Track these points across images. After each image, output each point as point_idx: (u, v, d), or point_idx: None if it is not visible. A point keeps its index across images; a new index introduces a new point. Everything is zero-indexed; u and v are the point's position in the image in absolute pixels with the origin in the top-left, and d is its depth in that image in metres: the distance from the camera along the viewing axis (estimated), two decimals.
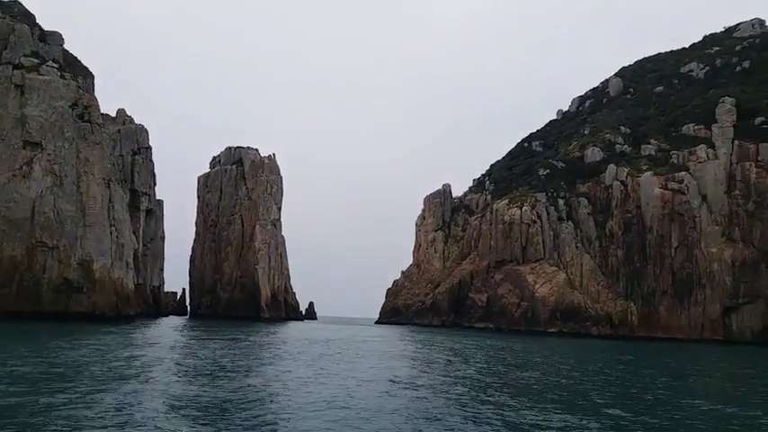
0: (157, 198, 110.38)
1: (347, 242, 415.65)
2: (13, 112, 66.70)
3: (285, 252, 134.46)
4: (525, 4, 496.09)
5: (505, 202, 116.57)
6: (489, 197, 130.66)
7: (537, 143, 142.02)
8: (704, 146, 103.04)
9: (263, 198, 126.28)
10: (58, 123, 67.70)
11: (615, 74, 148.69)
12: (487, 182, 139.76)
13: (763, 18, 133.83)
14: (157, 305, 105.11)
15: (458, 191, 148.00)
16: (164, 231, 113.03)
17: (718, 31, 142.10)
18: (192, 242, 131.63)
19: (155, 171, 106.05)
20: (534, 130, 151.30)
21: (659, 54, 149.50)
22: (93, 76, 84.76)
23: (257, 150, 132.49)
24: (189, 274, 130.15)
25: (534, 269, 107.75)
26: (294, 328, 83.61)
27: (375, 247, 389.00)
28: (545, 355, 45.98)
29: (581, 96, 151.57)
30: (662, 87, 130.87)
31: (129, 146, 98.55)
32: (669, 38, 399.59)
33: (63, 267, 64.21)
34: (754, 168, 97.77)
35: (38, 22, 78.77)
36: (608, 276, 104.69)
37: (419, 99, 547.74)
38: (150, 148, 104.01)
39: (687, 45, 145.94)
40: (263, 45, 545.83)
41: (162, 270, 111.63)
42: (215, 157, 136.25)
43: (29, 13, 79.91)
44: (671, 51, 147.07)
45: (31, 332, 42.94)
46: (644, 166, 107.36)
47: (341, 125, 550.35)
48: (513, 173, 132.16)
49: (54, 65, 72.66)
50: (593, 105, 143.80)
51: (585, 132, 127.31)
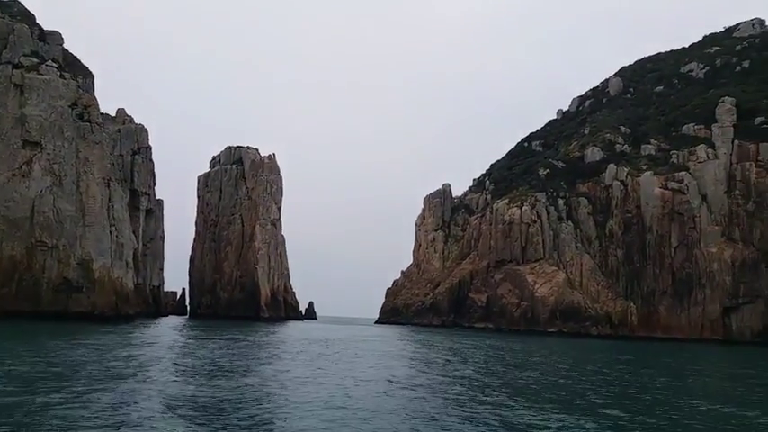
0: (157, 198, 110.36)
1: (347, 242, 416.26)
2: (12, 112, 66.66)
3: (285, 252, 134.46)
4: (525, 3, 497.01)
5: (505, 201, 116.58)
6: (489, 197, 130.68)
7: (537, 143, 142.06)
8: (704, 146, 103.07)
9: (262, 198, 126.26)
10: (58, 123, 67.67)
11: (615, 74, 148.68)
12: (487, 182, 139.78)
13: (763, 18, 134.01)
14: (157, 305, 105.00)
15: (458, 191, 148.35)
16: (163, 231, 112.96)
17: (718, 31, 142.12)
18: (192, 242, 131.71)
19: (154, 171, 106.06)
20: (534, 130, 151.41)
21: (659, 54, 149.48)
22: (93, 76, 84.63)
23: (257, 150, 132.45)
24: (189, 274, 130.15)
25: (534, 269, 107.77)
26: (293, 328, 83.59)
27: (375, 247, 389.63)
28: (544, 355, 45.98)
29: (581, 96, 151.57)
30: (662, 87, 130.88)
31: (129, 145, 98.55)
32: (669, 38, 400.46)
33: (62, 267, 64.19)
34: (754, 168, 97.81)
35: (38, 21, 78.74)
36: (608, 276, 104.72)
37: (419, 99, 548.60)
38: (150, 148, 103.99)
39: (687, 45, 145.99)
40: (263, 45, 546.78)
41: (162, 270, 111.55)
42: (215, 157, 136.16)
43: (29, 12, 79.85)
44: (671, 51, 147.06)
45: (29, 332, 42.95)
46: (644, 166, 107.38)
47: (341, 125, 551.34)
48: (513, 173, 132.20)
49: (53, 64, 72.60)
50: (593, 105, 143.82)
51: (585, 132, 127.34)
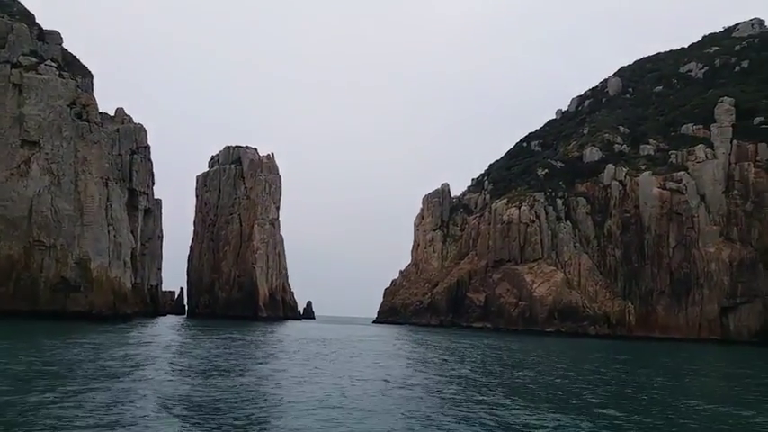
0: (156, 197, 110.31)
1: (347, 242, 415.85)
2: (11, 111, 66.64)
3: (283, 251, 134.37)
4: (525, 3, 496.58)
5: (504, 201, 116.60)
6: (488, 197, 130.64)
7: (536, 143, 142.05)
8: (703, 146, 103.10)
9: (261, 197, 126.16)
10: (56, 122, 67.64)
11: (614, 74, 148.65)
12: (486, 181, 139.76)
13: (762, 18, 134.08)
14: (155, 304, 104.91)
15: (458, 190, 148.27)
16: (162, 231, 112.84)
17: (718, 31, 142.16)
18: (191, 241, 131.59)
19: (153, 170, 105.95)
20: (533, 130, 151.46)
21: (658, 54, 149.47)
22: (92, 76, 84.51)
23: (256, 150, 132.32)
24: (187, 274, 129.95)
25: (532, 269, 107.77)
26: (291, 328, 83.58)
27: (375, 247, 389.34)
28: (541, 355, 45.98)
29: (580, 96, 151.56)
30: (661, 87, 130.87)
31: (128, 145, 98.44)
32: (669, 38, 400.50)
33: (60, 266, 64.19)
34: (753, 168, 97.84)
35: (37, 21, 78.66)
36: (606, 276, 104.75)
37: (419, 99, 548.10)
38: (149, 148, 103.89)
39: (686, 45, 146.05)
40: (263, 45, 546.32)
41: (160, 269, 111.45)
42: (213, 157, 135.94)
43: (28, 12, 79.79)
44: (670, 51, 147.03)
45: (27, 331, 42.93)
46: (642, 166, 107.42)
47: (341, 125, 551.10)
48: (512, 172, 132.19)
49: (52, 64, 72.56)
50: (592, 105, 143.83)
51: (584, 132, 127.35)
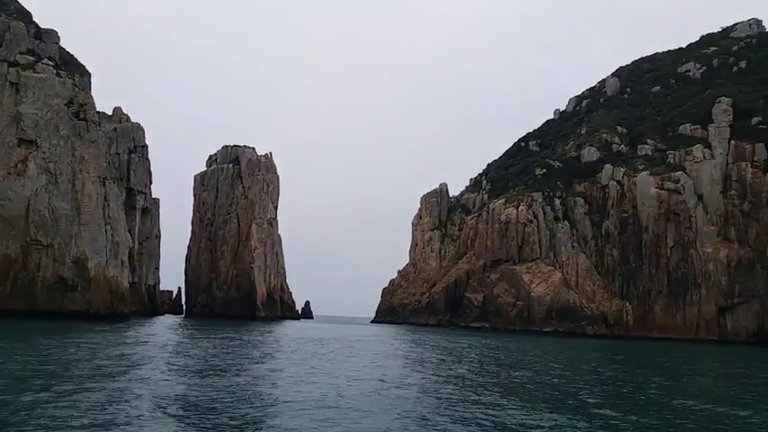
0: (155, 197, 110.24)
1: (347, 241, 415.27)
2: (8, 110, 66.57)
3: (281, 251, 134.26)
4: (526, 2, 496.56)
5: (502, 201, 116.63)
6: (486, 196, 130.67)
7: (534, 143, 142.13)
8: (700, 146, 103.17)
9: (259, 197, 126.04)
10: (54, 121, 67.55)
11: (612, 73, 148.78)
12: (484, 181, 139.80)
13: (759, 18, 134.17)
14: (153, 304, 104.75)
15: (458, 190, 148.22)
16: (160, 230, 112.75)
17: (716, 31, 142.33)
18: (188, 241, 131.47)
19: (151, 169, 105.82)
20: (531, 130, 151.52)
21: (656, 54, 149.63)
22: (90, 75, 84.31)
23: (254, 149, 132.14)
24: (185, 273, 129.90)
25: (530, 269, 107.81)
26: (289, 328, 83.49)
27: (375, 246, 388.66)
28: (538, 355, 45.99)
29: (578, 96, 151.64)
30: (659, 87, 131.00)
31: (126, 144, 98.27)
32: (669, 38, 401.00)
33: (58, 265, 64.12)
34: (750, 168, 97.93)
35: (35, 20, 78.47)
36: (604, 276, 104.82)
37: (419, 98, 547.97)
38: (146, 147, 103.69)
39: (684, 45, 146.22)
40: (263, 45, 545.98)
41: (158, 269, 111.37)
42: (212, 156, 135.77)
43: (25, 11, 79.59)
44: (668, 51, 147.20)
45: (24, 330, 42.84)
46: (640, 166, 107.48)
47: (341, 124, 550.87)
48: (510, 172, 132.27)
49: (50, 63, 72.46)
50: (590, 105, 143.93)
51: (582, 132, 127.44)
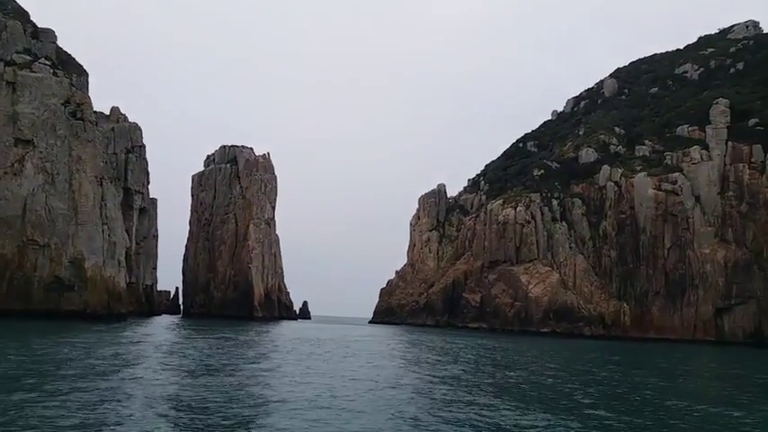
0: (154, 197, 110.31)
1: (347, 241, 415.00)
2: (4, 109, 66.28)
3: (279, 251, 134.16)
4: (525, 2, 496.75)
5: (500, 202, 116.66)
6: (484, 197, 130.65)
7: (531, 143, 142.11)
8: (698, 147, 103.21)
9: (257, 197, 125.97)
10: (50, 121, 67.38)
11: (610, 75, 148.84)
12: (482, 182, 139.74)
13: (756, 20, 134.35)
14: (150, 304, 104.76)
15: (459, 189, 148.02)
16: (157, 230, 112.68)
17: (713, 33, 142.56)
18: (186, 241, 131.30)
19: (148, 169, 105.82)
20: (529, 131, 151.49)
21: (654, 55, 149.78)
22: (88, 74, 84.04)
23: (252, 149, 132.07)
24: (182, 273, 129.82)
25: (528, 269, 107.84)
26: (286, 328, 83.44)
27: (375, 246, 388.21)
28: (535, 355, 45.98)
29: (576, 97, 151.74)
30: (656, 88, 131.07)
31: (123, 144, 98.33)
32: (668, 39, 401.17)
33: (54, 265, 63.89)
34: (748, 170, 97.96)
35: (32, 19, 78.24)
36: (601, 277, 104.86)
37: (419, 98, 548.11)
38: (144, 147, 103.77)
39: (681, 46, 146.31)
40: (263, 45, 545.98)
41: (155, 269, 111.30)
42: (209, 156, 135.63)
43: (22, 10, 79.31)
44: (666, 52, 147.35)
45: (19, 330, 42.74)
46: (638, 167, 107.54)
47: (341, 124, 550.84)
48: (508, 173, 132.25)
49: (46, 62, 72.19)
50: (587, 106, 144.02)
51: (580, 133, 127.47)
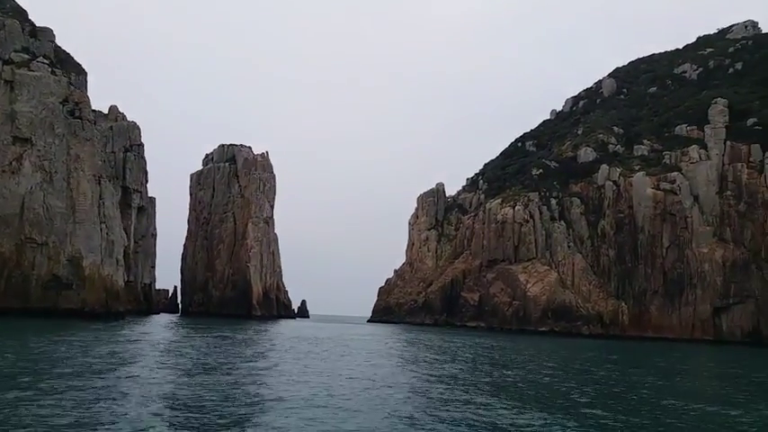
0: (153, 196, 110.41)
1: (347, 240, 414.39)
2: (2, 108, 66.25)
3: (278, 250, 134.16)
4: (525, 2, 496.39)
5: (498, 201, 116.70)
6: (482, 196, 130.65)
7: (530, 143, 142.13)
8: (696, 146, 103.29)
9: (255, 196, 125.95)
10: (48, 119, 67.36)
11: (609, 74, 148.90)
12: (481, 181, 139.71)
13: (755, 20, 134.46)
14: (148, 302, 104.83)
15: (457, 189, 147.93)
16: (155, 229, 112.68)
17: (712, 33, 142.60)
18: (185, 240, 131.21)
19: (147, 168, 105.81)
20: (528, 130, 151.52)
21: (653, 55, 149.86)
22: (86, 73, 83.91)
23: (250, 148, 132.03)
24: (181, 272, 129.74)
25: (526, 268, 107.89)
26: (285, 327, 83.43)
27: (375, 245, 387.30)
28: (533, 354, 45.99)
29: (574, 96, 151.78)
30: (655, 88, 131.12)
31: (122, 143, 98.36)
32: (668, 39, 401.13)
33: (52, 264, 63.90)
34: (746, 169, 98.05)
35: (30, 18, 78.17)
36: (599, 276, 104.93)
37: (419, 98, 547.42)
38: (142, 145, 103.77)
39: (681, 46, 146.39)
40: (263, 45, 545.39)
41: (153, 267, 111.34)
42: (208, 155, 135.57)
43: (20, 9, 79.25)
44: (664, 52, 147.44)
45: (17, 328, 42.70)
46: (636, 167, 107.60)
47: (341, 124, 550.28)
48: (507, 172, 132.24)
49: (45, 61, 72.13)
50: (586, 106, 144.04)
51: (579, 132, 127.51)
